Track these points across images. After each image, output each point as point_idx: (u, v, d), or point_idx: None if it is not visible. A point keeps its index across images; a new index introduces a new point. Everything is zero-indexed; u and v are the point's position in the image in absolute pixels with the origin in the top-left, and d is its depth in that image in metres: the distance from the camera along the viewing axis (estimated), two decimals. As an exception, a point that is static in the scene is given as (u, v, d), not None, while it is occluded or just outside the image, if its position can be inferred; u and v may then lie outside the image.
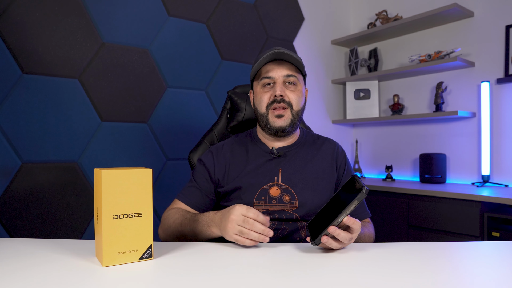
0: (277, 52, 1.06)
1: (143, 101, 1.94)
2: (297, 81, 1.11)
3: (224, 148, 1.17)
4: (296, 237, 1.07)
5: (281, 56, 1.07)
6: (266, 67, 1.10)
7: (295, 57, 1.08)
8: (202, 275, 0.67)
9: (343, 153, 1.19)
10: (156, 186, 1.97)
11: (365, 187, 0.76)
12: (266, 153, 1.14)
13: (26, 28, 1.62)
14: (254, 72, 1.13)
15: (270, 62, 1.10)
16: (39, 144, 1.65)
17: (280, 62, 1.09)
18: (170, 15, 2.04)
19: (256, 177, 1.09)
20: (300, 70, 1.12)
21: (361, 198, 0.76)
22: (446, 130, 2.47)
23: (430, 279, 0.64)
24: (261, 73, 1.11)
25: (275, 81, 1.09)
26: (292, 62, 1.09)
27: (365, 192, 0.75)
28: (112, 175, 0.71)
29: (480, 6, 2.30)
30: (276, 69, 1.08)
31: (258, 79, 1.12)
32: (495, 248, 0.85)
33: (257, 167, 1.11)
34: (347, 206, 0.76)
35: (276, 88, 1.07)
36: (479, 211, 1.86)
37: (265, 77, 1.09)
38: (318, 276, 0.66)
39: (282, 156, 1.13)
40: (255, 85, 1.15)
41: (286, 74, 1.08)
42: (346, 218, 0.78)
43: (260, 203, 1.06)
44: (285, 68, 1.09)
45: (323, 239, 0.78)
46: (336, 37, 2.91)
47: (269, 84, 1.10)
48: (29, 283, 0.62)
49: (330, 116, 2.89)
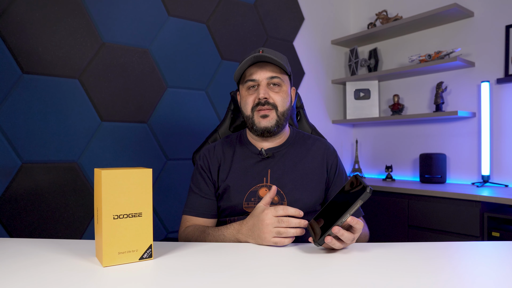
0: (259, 55, 1.06)
1: (143, 101, 1.94)
2: (281, 82, 1.11)
3: (216, 149, 1.18)
4: None
5: (262, 58, 1.08)
6: (250, 70, 1.11)
7: (278, 59, 1.07)
8: (202, 275, 0.67)
9: (335, 153, 1.19)
10: (156, 186, 1.97)
11: (369, 186, 0.76)
12: (255, 154, 1.14)
13: (26, 28, 1.62)
14: (238, 75, 1.13)
15: (253, 65, 1.10)
16: (39, 144, 1.65)
17: (263, 64, 1.10)
18: (170, 15, 2.04)
19: (245, 178, 1.10)
20: (285, 70, 1.12)
21: (365, 198, 0.75)
22: (446, 130, 2.47)
23: (430, 279, 0.64)
24: (245, 76, 1.12)
25: (259, 83, 1.09)
26: (276, 64, 1.09)
27: (369, 192, 0.75)
28: (112, 175, 0.71)
29: (480, 6, 2.30)
30: (259, 72, 1.09)
31: (242, 82, 1.13)
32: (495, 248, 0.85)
33: (246, 168, 1.12)
34: (351, 206, 0.76)
35: (260, 91, 1.08)
36: (479, 211, 1.85)
37: (249, 80, 1.10)
38: (318, 276, 0.66)
39: (270, 157, 1.13)
40: (240, 87, 1.16)
41: (269, 76, 1.09)
42: (350, 218, 0.78)
43: (250, 204, 1.07)
44: (268, 70, 1.09)
45: (326, 239, 0.77)
46: (336, 37, 2.91)
47: (253, 86, 1.11)
48: (29, 283, 0.62)
49: (330, 116, 2.89)
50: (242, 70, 1.11)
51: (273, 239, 0.85)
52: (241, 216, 1.07)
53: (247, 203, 1.07)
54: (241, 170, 1.11)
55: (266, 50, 1.09)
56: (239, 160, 1.13)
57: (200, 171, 1.15)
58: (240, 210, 1.07)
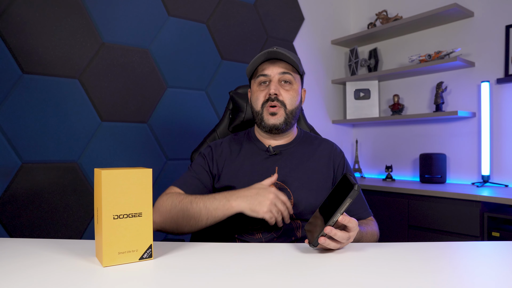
0: (273, 51, 1.08)
1: (143, 101, 1.94)
2: (292, 80, 1.11)
3: (222, 145, 1.18)
4: (291, 236, 1.07)
5: (276, 55, 1.09)
6: (262, 66, 1.12)
7: (291, 56, 1.09)
8: (202, 275, 0.67)
9: (341, 153, 1.19)
10: (156, 186, 1.97)
11: (356, 184, 0.75)
12: (262, 151, 1.14)
13: (26, 28, 1.62)
14: (251, 71, 1.14)
15: (266, 61, 1.11)
16: (39, 144, 1.65)
17: (276, 61, 1.11)
18: (170, 15, 2.04)
19: (252, 174, 1.10)
20: (297, 69, 1.13)
21: (354, 195, 0.75)
22: (446, 130, 2.47)
23: (430, 279, 0.64)
24: (258, 71, 1.13)
25: (270, 79, 1.10)
26: (288, 61, 1.10)
27: (356, 189, 0.75)
28: (112, 175, 0.71)
29: (480, 6, 2.30)
30: (271, 67, 1.10)
31: (255, 77, 1.14)
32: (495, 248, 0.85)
33: (254, 165, 1.12)
34: (341, 205, 0.76)
35: (271, 87, 1.09)
36: (479, 211, 1.85)
37: (261, 75, 1.11)
38: (317, 276, 0.66)
39: (278, 154, 1.13)
40: (252, 83, 1.17)
41: (281, 72, 1.10)
42: (341, 217, 0.77)
43: None
44: (281, 66, 1.10)
45: (320, 240, 0.77)
46: (336, 37, 2.91)
47: (265, 82, 1.11)
48: (29, 283, 0.62)
49: (330, 116, 2.89)
50: (255, 65, 1.12)
51: (269, 213, 0.91)
52: None
53: None
54: (248, 166, 1.11)
55: (280, 48, 1.10)
56: (247, 157, 1.13)
57: (203, 158, 1.15)
58: None
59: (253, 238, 1.06)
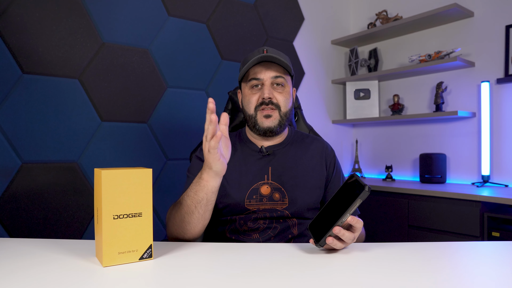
0: (265, 55, 1.07)
1: (143, 101, 1.94)
2: (285, 82, 1.12)
3: None
4: (288, 234, 1.07)
5: (268, 58, 1.08)
6: (254, 69, 1.11)
7: (283, 60, 1.09)
8: (202, 275, 0.67)
9: (333, 152, 1.21)
10: (156, 186, 1.97)
11: (367, 185, 0.76)
12: (255, 152, 1.15)
13: (26, 28, 1.62)
14: (242, 74, 1.14)
15: (258, 64, 1.11)
16: (39, 144, 1.65)
17: (268, 64, 1.10)
18: (170, 15, 2.04)
19: (246, 175, 1.10)
20: (288, 71, 1.13)
21: (364, 196, 0.75)
22: (446, 130, 2.47)
23: (430, 279, 0.64)
24: (249, 74, 1.12)
25: (263, 82, 1.10)
26: (281, 64, 1.10)
27: (367, 190, 0.75)
28: (112, 175, 0.71)
29: (480, 6, 2.30)
30: (264, 71, 1.10)
31: (246, 80, 1.14)
32: (495, 248, 0.85)
33: (247, 166, 1.12)
34: (351, 205, 0.76)
35: (265, 91, 1.09)
36: (479, 211, 1.85)
37: (253, 79, 1.10)
38: (318, 276, 0.66)
39: (271, 154, 1.14)
40: (243, 86, 1.16)
41: (274, 76, 1.10)
42: (350, 217, 0.78)
43: (251, 202, 1.07)
44: (273, 70, 1.10)
45: (328, 240, 0.78)
46: (336, 37, 2.91)
47: (257, 85, 1.11)
48: (29, 283, 0.62)
49: (330, 116, 2.89)
50: (248, 68, 1.11)
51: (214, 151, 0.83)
52: (243, 214, 1.07)
53: (248, 201, 1.07)
54: (241, 167, 1.12)
55: (270, 50, 1.10)
56: (239, 158, 1.14)
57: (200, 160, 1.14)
58: (242, 208, 1.07)
59: (250, 239, 1.06)
